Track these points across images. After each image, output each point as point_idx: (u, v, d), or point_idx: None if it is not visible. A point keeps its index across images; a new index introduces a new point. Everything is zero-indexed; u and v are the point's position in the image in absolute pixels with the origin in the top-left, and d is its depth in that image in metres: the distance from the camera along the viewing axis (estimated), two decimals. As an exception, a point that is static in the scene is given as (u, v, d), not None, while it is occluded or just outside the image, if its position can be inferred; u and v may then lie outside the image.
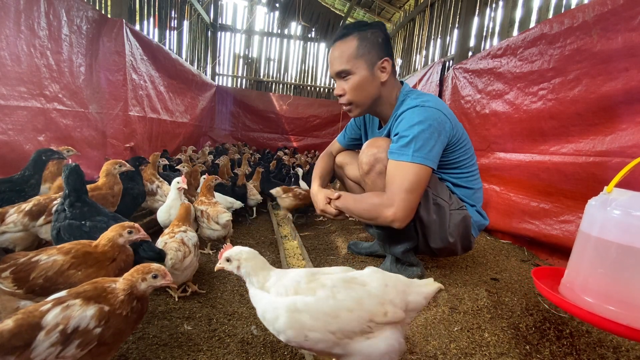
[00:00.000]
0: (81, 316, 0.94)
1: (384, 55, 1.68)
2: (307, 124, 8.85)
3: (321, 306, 0.94)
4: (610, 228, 1.04)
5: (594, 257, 1.08)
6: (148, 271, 1.08)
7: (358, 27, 1.70)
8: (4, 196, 2.05)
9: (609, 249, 1.03)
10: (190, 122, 6.55)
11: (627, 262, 1.00)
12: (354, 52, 1.66)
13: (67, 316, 0.93)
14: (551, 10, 3.36)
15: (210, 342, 1.41)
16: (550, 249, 2.57)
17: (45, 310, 0.92)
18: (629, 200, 1.03)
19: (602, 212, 1.07)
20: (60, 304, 0.95)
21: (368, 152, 1.74)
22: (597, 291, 1.05)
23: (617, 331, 0.97)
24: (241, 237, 2.78)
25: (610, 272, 1.03)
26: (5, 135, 2.73)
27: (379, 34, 1.69)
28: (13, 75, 2.79)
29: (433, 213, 1.73)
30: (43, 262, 1.24)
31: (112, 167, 2.16)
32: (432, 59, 5.97)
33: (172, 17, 6.29)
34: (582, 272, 1.12)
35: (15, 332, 0.87)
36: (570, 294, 1.12)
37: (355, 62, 1.66)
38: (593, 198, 1.15)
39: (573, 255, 1.18)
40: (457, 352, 1.40)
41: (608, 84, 2.15)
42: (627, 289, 1.00)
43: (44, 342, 0.88)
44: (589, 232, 1.10)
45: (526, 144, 2.86)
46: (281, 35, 9.42)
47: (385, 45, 1.70)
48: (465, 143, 1.77)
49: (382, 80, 1.71)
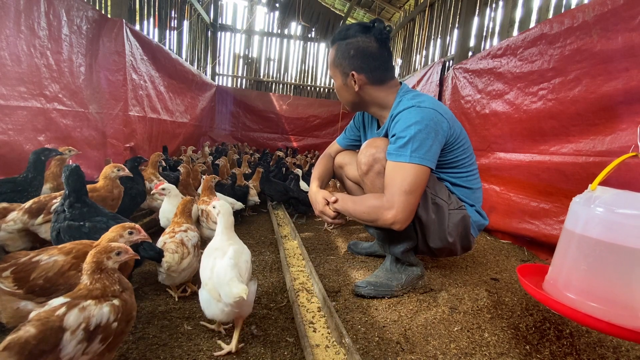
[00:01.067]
0: (100, 313, 1.01)
1: (352, 68, 1.72)
2: (307, 124, 8.85)
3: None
4: (594, 225, 1.05)
5: (577, 254, 1.09)
6: (110, 250, 1.11)
7: (340, 37, 1.76)
8: (7, 197, 2.05)
9: (592, 246, 1.04)
10: (190, 122, 6.55)
11: (610, 259, 1.01)
12: (332, 61, 1.80)
13: (87, 316, 0.99)
14: (551, 10, 3.36)
15: (210, 342, 1.41)
16: (551, 249, 2.55)
17: (62, 314, 0.96)
18: (612, 198, 1.04)
19: (586, 209, 1.08)
20: (74, 306, 1.00)
21: (366, 153, 1.74)
22: (580, 288, 1.06)
23: (599, 327, 0.98)
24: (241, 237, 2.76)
25: (592, 269, 1.04)
26: (5, 135, 2.74)
27: (353, 45, 1.70)
28: (13, 75, 2.79)
29: (432, 212, 1.73)
30: (44, 263, 1.24)
31: (110, 170, 2.16)
32: (432, 59, 5.97)
33: (172, 17, 6.29)
34: (565, 268, 1.13)
35: (41, 337, 0.90)
36: (554, 291, 1.13)
37: (334, 70, 1.80)
38: (577, 196, 1.16)
39: (557, 252, 1.19)
40: (457, 352, 1.40)
41: (608, 84, 2.15)
42: (609, 286, 1.01)
43: (71, 341, 0.94)
44: (572, 229, 1.11)
45: (526, 144, 2.86)
46: (281, 35, 9.42)
47: (359, 56, 1.70)
48: (464, 142, 1.77)
49: (355, 89, 1.76)
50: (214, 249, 1.45)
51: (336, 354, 1.38)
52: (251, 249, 2.54)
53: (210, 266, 1.37)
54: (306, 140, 8.88)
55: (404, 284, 1.86)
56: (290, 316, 1.64)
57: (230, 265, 1.32)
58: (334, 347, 1.42)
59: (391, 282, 1.86)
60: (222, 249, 1.43)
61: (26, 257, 1.26)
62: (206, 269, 1.38)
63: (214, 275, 1.33)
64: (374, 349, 1.41)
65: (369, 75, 1.73)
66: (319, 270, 2.16)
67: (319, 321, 1.60)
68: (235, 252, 1.42)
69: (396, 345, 1.44)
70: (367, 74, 1.72)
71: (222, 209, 1.52)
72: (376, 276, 1.92)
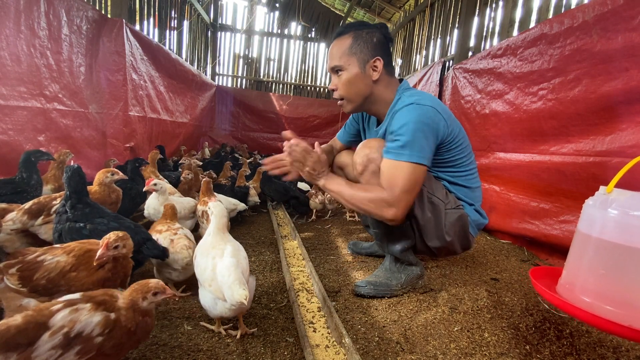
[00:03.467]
0: (87, 321, 0.93)
1: (376, 54, 1.72)
2: (307, 124, 8.85)
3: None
4: (611, 228, 1.03)
5: (594, 257, 1.08)
6: (147, 290, 1.07)
7: (356, 26, 1.75)
8: (6, 198, 2.05)
9: (610, 249, 1.03)
10: (190, 122, 6.54)
11: (628, 263, 1.00)
12: (347, 49, 1.73)
13: (74, 319, 0.92)
14: (551, 10, 3.35)
15: (210, 342, 1.41)
16: (550, 249, 2.57)
17: (55, 310, 0.91)
18: (629, 201, 1.03)
19: (602, 212, 1.06)
20: (70, 305, 0.94)
21: (361, 153, 1.76)
22: (598, 292, 1.05)
23: (619, 332, 0.97)
24: (241, 237, 2.78)
25: (611, 273, 1.03)
26: (5, 135, 2.74)
27: (374, 34, 1.73)
28: (13, 75, 2.79)
29: (428, 211, 1.73)
30: (47, 263, 1.24)
31: (104, 176, 2.13)
32: (432, 59, 5.97)
33: (172, 17, 6.29)
34: (582, 272, 1.11)
35: (22, 328, 0.85)
36: (570, 295, 1.11)
37: (348, 58, 1.73)
38: (590, 198, 1.15)
39: (571, 255, 1.18)
40: (457, 352, 1.40)
41: (608, 84, 2.15)
42: (629, 290, 1.00)
43: (46, 343, 0.87)
44: (588, 232, 1.10)
45: (526, 144, 2.86)
46: (281, 35, 9.41)
47: (380, 46, 1.73)
48: (462, 142, 1.77)
49: (374, 78, 1.74)
50: (210, 248, 1.45)
51: (336, 354, 1.38)
52: (251, 249, 2.54)
53: (211, 266, 1.37)
54: (306, 140, 8.71)
55: (403, 283, 1.86)
56: (290, 316, 1.64)
57: (233, 265, 1.33)
58: (334, 347, 1.42)
59: (391, 281, 1.86)
60: (219, 247, 1.44)
61: (33, 254, 1.26)
62: (207, 269, 1.38)
63: (217, 275, 1.33)
64: (374, 349, 1.41)
65: (387, 67, 1.75)
66: (319, 270, 2.16)
67: (319, 321, 1.60)
68: (234, 249, 1.43)
69: (396, 345, 1.44)
70: (386, 65, 1.74)
71: (215, 210, 1.56)
72: (376, 276, 1.92)
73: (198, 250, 1.49)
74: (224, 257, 1.38)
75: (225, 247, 1.44)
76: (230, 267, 1.32)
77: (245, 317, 1.62)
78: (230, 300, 1.25)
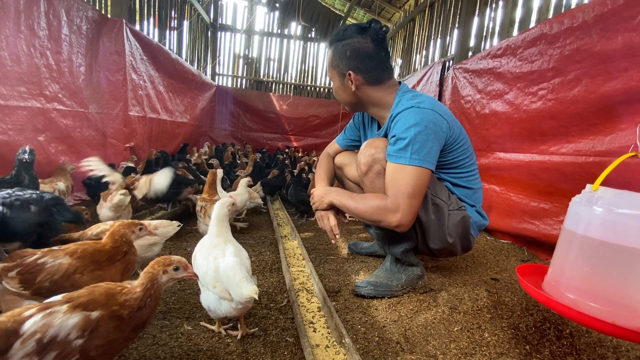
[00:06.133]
0: (61, 325, 0.85)
1: (349, 67, 1.73)
2: (307, 124, 8.85)
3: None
4: (596, 226, 1.04)
5: (579, 254, 1.08)
6: (169, 263, 1.06)
7: (336, 39, 1.78)
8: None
9: (595, 247, 1.04)
10: (190, 122, 6.55)
11: (612, 260, 1.01)
12: (330, 63, 1.82)
13: (47, 324, 0.84)
14: (551, 10, 3.36)
15: (210, 342, 1.41)
16: (550, 249, 2.54)
17: (27, 315, 0.84)
18: (614, 198, 1.04)
19: (588, 210, 1.07)
20: (44, 309, 0.87)
21: (366, 153, 1.74)
22: (583, 289, 1.06)
23: (604, 329, 0.97)
24: (241, 237, 2.78)
25: (596, 270, 1.03)
26: (5, 135, 2.73)
27: (349, 46, 1.71)
28: (13, 75, 2.79)
29: (432, 213, 1.73)
30: (49, 266, 1.22)
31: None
32: (432, 59, 5.97)
33: (172, 17, 6.29)
34: (567, 269, 1.12)
35: None
36: (555, 292, 1.12)
37: (331, 71, 1.82)
38: (577, 196, 1.15)
39: (557, 252, 1.19)
40: (457, 352, 1.40)
41: (608, 84, 2.15)
42: (611, 287, 1.01)
43: (19, 351, 0.81)
44: (574, 229, 1.10)
45: (526, 144, 2.86)
46: (281, 35, 9.42)
47: (354, 57, 1.71)
48: (464, 143, 1.77)
49: (352, 89, 1.76)
50: (211, 248, 1.44)
51: (336, 354, 1.38)
52: (251, 249, 2.54)
53: (213, 267, 1.36)
54: (306, 140, 8.87)
55: (404, 284, 1.86)
56: (290, 316, 1.64)
57: (238, 263, 1.33)
58: (334, 347, 1.42)
59: (391, 282, 1.86)
60: (220, 247, 1.44)
61: (32, 257, 1.24)
62: (209, 270, 1.37)
63: (222, 275, 1.32)
64: (374, 349, 1.41)
65: (366, 76, 1.73)
66: (319, 270, 2.16)
67: (319, 321, 1.60)
68: (236, 249, 1.43)
69: (396, 345, 1.44)
70: (364, 74, 1.73)
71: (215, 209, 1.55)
72: (376, 276, 1.92)
73: (197, 251, 1.48)
74: (226, 257, 1.38)
75: (226, 247, 1.44)
76: (235, 266, 1.32)
77: (245, 317, 1.62)
78: (239, 298, 1.25)
